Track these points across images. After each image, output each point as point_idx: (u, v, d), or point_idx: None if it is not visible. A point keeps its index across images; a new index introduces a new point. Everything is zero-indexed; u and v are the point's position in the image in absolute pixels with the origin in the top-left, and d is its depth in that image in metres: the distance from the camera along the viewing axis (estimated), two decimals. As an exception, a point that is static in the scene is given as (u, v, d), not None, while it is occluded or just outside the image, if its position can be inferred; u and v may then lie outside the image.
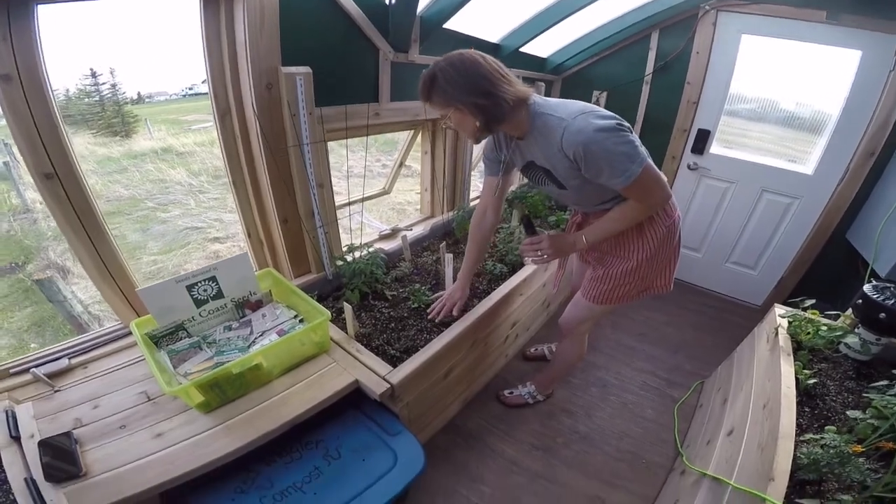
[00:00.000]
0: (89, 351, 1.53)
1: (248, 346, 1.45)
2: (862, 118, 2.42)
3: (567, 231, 1.71)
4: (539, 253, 1.50)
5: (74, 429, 1.22)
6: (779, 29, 2.53)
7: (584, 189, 1.37)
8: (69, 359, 1.48)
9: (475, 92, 1.20)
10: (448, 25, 2.05)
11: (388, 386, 1.42)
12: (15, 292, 4.98)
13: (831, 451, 1.14)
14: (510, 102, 1.23)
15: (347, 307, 1.60)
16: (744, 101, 2.85)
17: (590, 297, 1.67)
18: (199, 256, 5.60)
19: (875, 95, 2.35)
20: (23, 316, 4.62)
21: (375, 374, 1.47)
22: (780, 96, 2.75)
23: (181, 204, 7.26)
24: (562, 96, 3.19)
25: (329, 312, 1.46)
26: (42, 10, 1.13)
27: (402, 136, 2.64)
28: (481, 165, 1.75)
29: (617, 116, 1.23)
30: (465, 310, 1.83)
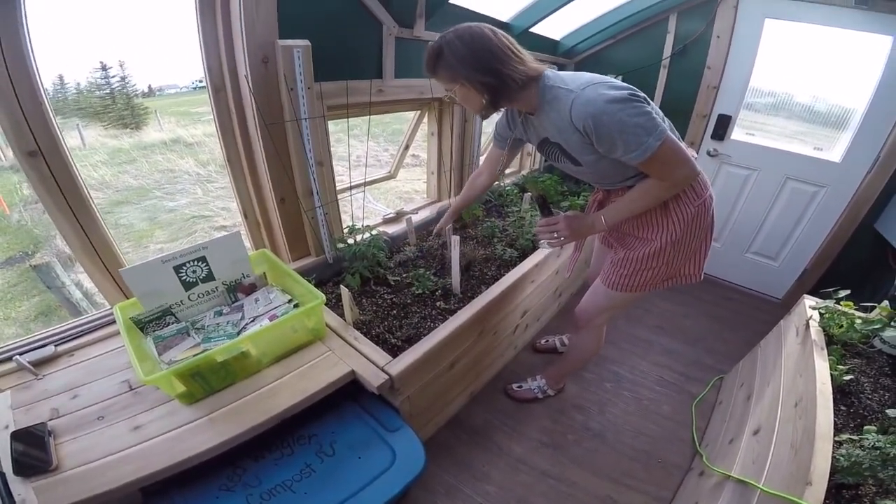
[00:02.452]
0: (78, 337, 1.46)
1: (238, 333, 1.35)
2: (894, 105, 2.29)
3: (588, 211, 1.61)
4: (555, 235, 1.39)
5: (51, 419, 1.15)
6: (803, 13, 2.41)
7: (600, 165, 1.26)
8: (55, 346, 1.40)
9: (482, 69, 1.14)
10: (455, 1, 1.96)
11: (387, 377, 1.32)
12: (24, 281, 4.99)
13: (874, 452, 1.05)
14: (518, 82, 1.16)
15: (345, 291, 1.51)
16: (767, 87, 2.72)
17: (609, 284, 1.55)
18: (205, 244, 5.64)
19: (908, 82, 2.23)
20: (31, 305, 4.63)
21: (374, 365, 1.37)
22: (806, 83, 2.63)
23: (189, 193, 7.29)
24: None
25: (323, 296, 1.36)
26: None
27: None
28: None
29: (632, 87, 1.13)
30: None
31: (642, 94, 1.14)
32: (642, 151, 1.11)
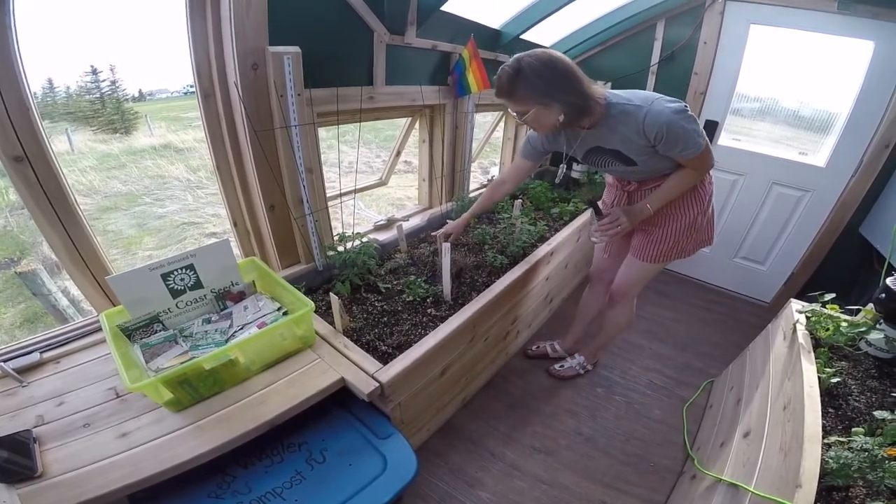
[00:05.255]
0: (64, 344, 1.44)
1: (227, 340, 1.34)
2: (876, 110, 2.34)
3: (619, 203, 1.82)
4: (619, 228, 1.59)
5: (36, 426, 1.13)
6: (788, 19, 2.46)
7: (650, 162, 1.51)
8: (41, 353, 1.38)
9: (570, 90, 1.31)
10: (446, 8, 1.96)
11: (377, 385, 1.31)
12: (9, 288, 4.90)
13: (862, 454, 1.06)
14: (599, 101, 1.38)
15: (334, 298, 1.50)
16: (753, 92, 2.77)
17: (648, 258, 1.78)
18: (195, 251, 5.58)
19: (889, 86, 2.28)
20: (16, 312, 4.55)
21: (363, 372, 1.36)
22: (790, 87, 2.68)
23: (179, 199, 7.20)
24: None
25: (312, 303, 1.36)
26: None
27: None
28: (483, 154, 1.76)
29: (681, 100, 1.37)
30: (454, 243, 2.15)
31: (688, 105, 1.38)
32: (696, 150, 1.39)
